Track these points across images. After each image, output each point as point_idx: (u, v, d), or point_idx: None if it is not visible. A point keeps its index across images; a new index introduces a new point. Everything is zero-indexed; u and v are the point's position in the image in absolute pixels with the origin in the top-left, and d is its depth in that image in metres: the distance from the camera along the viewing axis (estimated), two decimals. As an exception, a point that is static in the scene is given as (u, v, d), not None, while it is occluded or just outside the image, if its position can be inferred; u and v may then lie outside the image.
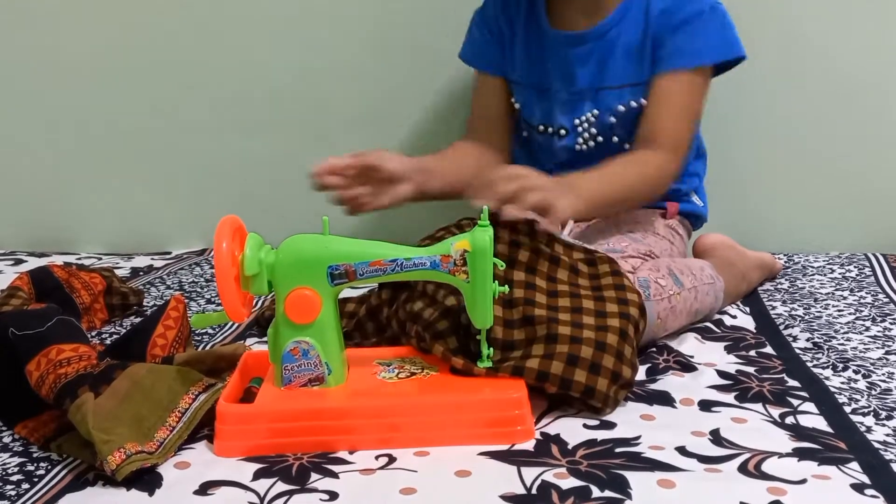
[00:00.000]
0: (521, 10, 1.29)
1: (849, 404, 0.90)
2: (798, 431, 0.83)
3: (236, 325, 1.20)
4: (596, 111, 1.25)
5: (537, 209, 0.95)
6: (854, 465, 0.76)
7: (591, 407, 0.88)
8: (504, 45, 1.32)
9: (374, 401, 0.85)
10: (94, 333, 1.18)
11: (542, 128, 1.31)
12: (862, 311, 1.22)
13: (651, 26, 1.21)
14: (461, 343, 0.91)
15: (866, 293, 1.31)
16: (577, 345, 0.88)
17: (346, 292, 0.97)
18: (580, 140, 1.28)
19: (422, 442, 0.82)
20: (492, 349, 0.88)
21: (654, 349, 1.05)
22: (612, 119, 1.25)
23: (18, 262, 1.63)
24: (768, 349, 1.07)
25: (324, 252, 0.85)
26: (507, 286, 0.87)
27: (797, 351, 1.06)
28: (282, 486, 0.75)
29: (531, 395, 0.86)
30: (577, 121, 1.27)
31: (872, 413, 0.87)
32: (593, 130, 1.26)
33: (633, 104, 1.23)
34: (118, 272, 1.39)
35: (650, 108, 1.20)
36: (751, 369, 1.00)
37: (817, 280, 1.40)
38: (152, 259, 1.66)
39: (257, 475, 0.77)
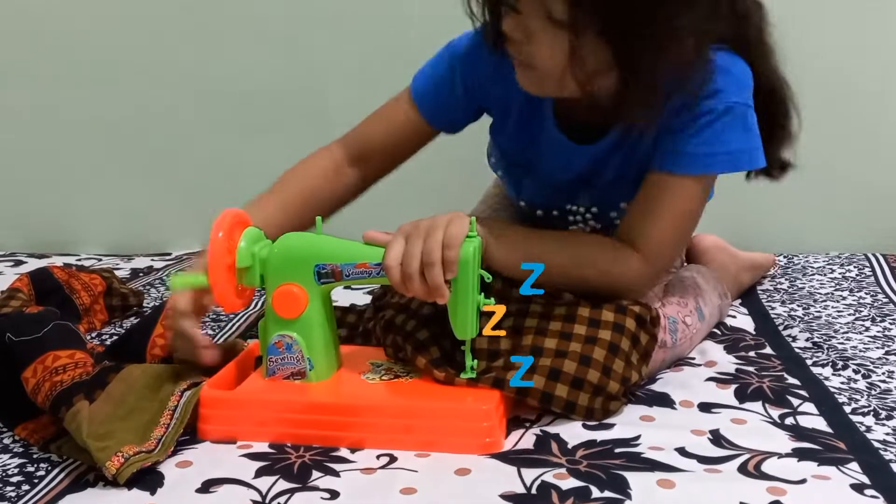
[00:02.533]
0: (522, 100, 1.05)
1: (848, 404, 0.90)
2: (798, 432, 0.83)
3: (236, 325, 1.20)
4: (595, 209, 1.09)
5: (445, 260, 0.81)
6: (854, 465, 0.76)
7: None
8: (469, 108, 1.09)
9: (343, 400, 0.86)
10: (94, 334, 1.18)
11: (522, 204, 1.15)
12: (861, 311, 1.22)
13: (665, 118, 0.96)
14: (444, 353, 0.89)
15: (866, 293, 1.31)
16: (560, 359, 0.86)
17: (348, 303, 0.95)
18: (578, 227, 1.12)
19: (383, 444, 0.82)
20: (476, 360, 0.87)
21: (654, 349, 1.06)
22: (614, 214, 1.09)
23: (18, 263, 1.63)
24: (768, 349, 1.07)
25: (312, 251, 0.86)
26: (492, 298, 0.85)
27: (797, 351, 1.06)
28: (283, 485, 0.75)
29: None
30: (571, 206, 1.11)
31: (872, 413, 0.87)
32: (592, 223, 1.11)
33: None
34: (118, 273, 1.39)
35: (633, 204, 1.00)
36: (750, 369, 1.00)
37: (817, 280, 1.40)
38: (152, 260, 1.66)
39: (259, 473, 0.77)
